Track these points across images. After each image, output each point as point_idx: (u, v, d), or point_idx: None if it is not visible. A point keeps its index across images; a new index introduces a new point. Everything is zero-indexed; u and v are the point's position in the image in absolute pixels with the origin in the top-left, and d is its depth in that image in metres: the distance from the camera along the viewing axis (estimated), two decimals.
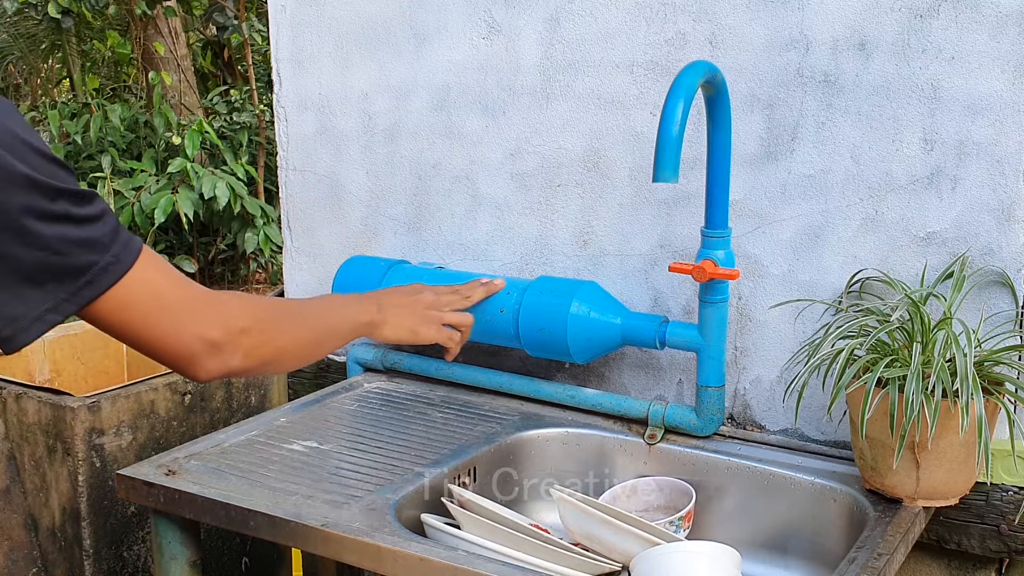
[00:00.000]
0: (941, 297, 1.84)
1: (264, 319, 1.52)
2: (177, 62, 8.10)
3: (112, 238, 1.32)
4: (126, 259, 1.33)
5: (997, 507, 1.90)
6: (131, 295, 1.33)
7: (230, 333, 1.43)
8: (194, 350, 1.41)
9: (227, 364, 1.44)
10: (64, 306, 1.28)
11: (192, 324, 1.39)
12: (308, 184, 2.65)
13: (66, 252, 1.27)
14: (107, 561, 2.34)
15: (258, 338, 1.49)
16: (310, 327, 1.70)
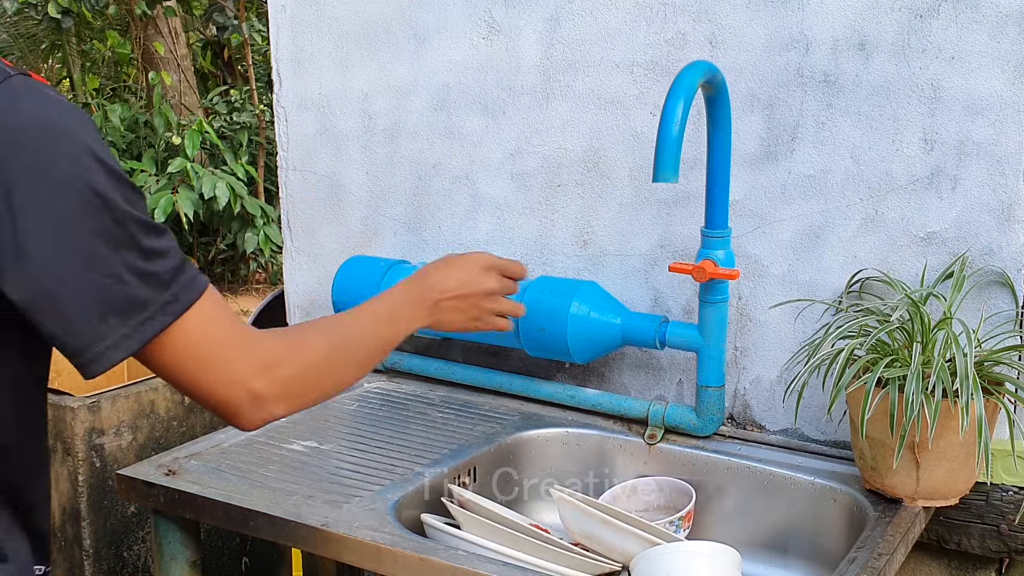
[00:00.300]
0: (941, 297, 1.84)
1: (309, 364, 1.45)
2: (177, 62, 8.11)
3: (174, 275, 1.27)
4: (185, 299, 1.27)
5: (997, 507, 1.90)
6: (184, 339, 1.28)
7: (273, 384, 1.37)
8: (238, 401, 1.35)
9: (271, 413, 1.39)
10: (126, 343, 1.23)
11: (237, 376, 1.34)
12: (308, 184, 2.65)
13: (130, 282, 1.22)
14: (107, 561, 2.34)
15: (301, 385, 1.43)
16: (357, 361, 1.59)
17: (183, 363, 1.30)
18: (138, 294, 1.23)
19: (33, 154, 1.16)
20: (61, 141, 1.18)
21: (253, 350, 1.36)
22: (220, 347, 1.32)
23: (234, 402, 1.35)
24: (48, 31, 8.19)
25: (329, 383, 1.50)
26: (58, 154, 1.17)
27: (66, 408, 2.26)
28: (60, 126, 1.19)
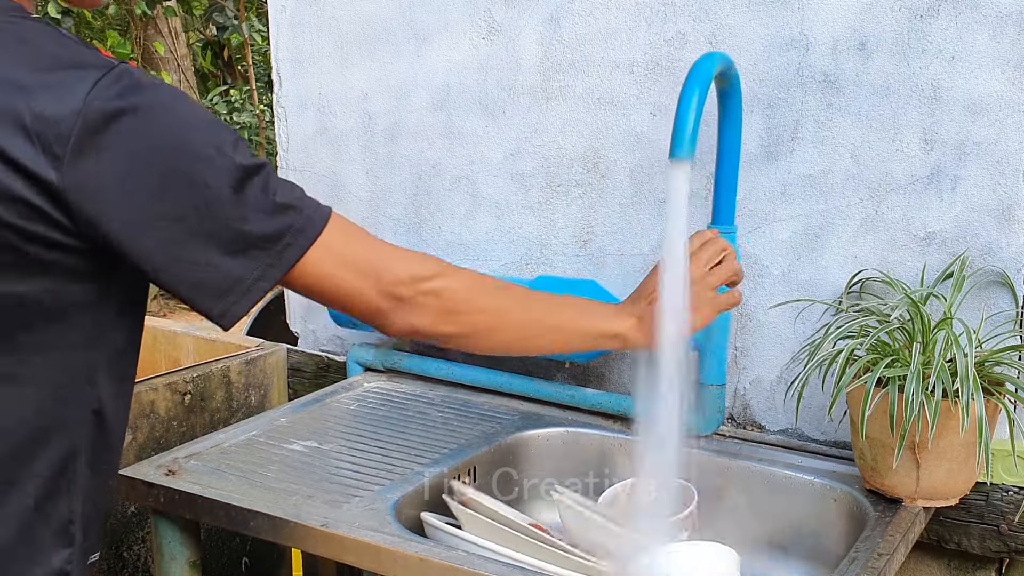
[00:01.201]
0: (941, 297, 1.84)
1: (460, 284, 1.49)
2: (177, 62, 8.11)
3: (301, 201, 1.33)
4: (319, 219, 1.34)
5: (997, 507, 1.90)
6: (325, 256, 1.34)
7: (417, 290, 1.42)
8: (382, 308, 1.41)
9: (413, 323, 1.44)
10: (270, 272, 1.30)
11: (379, 281, 1.40)
12: (308, 184, 2.63)
13: (262, 218, 1.28)
14: (107, 561, 2.34)
15: (450, 304, 1.47)
16: (527, 309, 1.59)
17: (328, 278, 1.36)
18: (272, 225, 1.29)
19: (142, 128, 1.21)
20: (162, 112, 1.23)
21: (400, 259, 1.43)
22: (364, 255, 1.40)
23: (379, 308, 1.42)
24: None
25: (487, 320, 1.53)
26: (164, 125, 1.23)
27: None
28: (162, 100, 1.23)
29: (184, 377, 2.49)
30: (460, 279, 1.50)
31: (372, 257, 1.41)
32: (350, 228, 1.40)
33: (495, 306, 1.54)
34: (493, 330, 1.54)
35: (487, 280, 1.58)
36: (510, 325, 1.57)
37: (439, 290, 1.45)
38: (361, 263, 1.39)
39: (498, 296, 1.56)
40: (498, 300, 1.55)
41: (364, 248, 1.41)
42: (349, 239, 1.38)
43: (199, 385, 2.51)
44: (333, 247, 1.35)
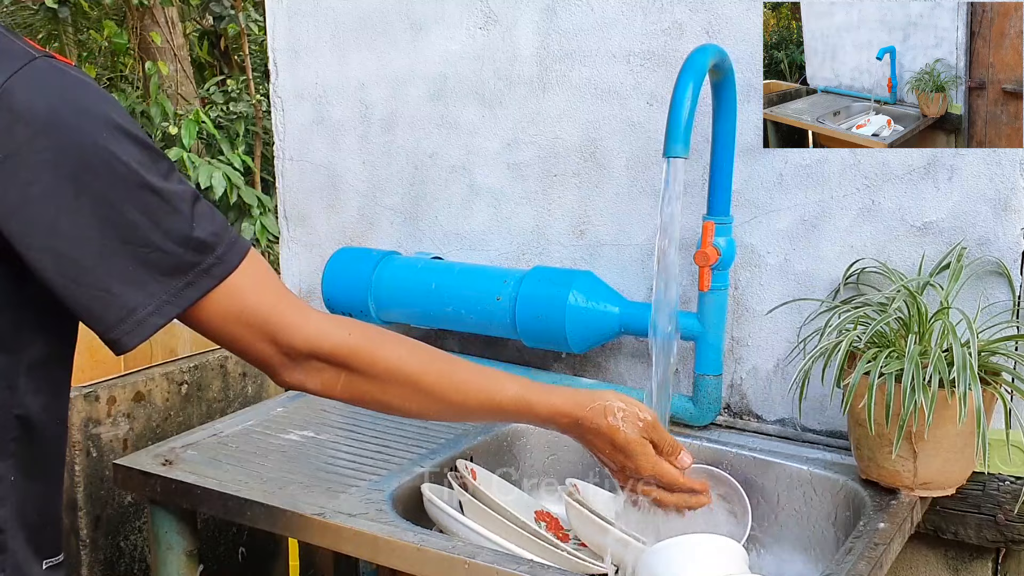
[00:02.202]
0: (938, 287, 1.84)
1: (361, 361, 1.42)
2: (174, 52, 8.09)
3: (218, 237, 1.27)
4: (229, 262, 1.28)
5: (994, 497, 1.90)
6: (226, 303, 1.29)
7: (311, 357, 1.38)
8: (278, 363, 1.37)
9: (303, 383, 1.40)
10: (166, 308, 1.24)
11: (273, 341, 1.35)
12: (305, 174, 2.65)
13: (168, 249, 1.23)
14: (104, 551, 2.34)
15: (345, 377, 1.42)
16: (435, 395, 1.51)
17: (226, 324, 1.31)
18: (179, 260, 1.24)
19: (60, 134, 1.16)
20: (86, 118, 1.19)
21: (300, 320, 1.37)
22: (265, 310, 1.33)
23: (275, 363, 1.37)
24: (45, 21, 8.18)
25: (381, 403, 1.47)
26: (84, 132, 1.18)
27: None
28: (84, 105, 1.19)
29: (181, 367, 2.49)
30: (362, 355, 1.42)
31: (272, 315, 1.34)
32: (260, 276, 1.34)
33: (397, 380, 1.47)
34: (389, 405, 1.49)
35: (394, 352, 1.47)
36: (413, 401, 1.49)
37: (335, 363, 1.40)
38: (260, 319, 1.33)
39: (402, 372, 1.47)
40: (402, 376, 1.47)
41: (268, 302, 1.34)
42: (256, 288, 1.33)
43: (196, 375, 2.51)
44: (235, 295, 1.30)
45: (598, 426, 1.61)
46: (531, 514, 1.96)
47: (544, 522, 1.95)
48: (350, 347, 1.42)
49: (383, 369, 1.45)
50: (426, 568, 1.62)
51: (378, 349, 1.46)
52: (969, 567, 1.99)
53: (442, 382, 1.51)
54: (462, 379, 1.53)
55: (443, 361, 1.54)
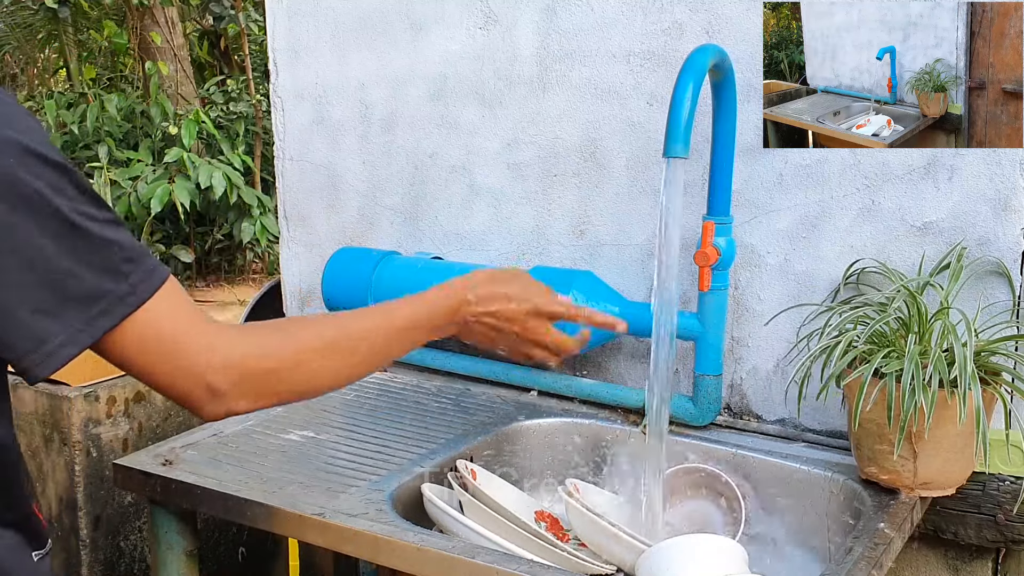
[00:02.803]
0: (938, 287, 1.84)
1: (280, 361, 1.40)
2: (174, 52, 8.10)
3: (131, 266, 1.24)
4: (143, 290, 1.24)
5: (994, 497, 1.90)
6: (142, 331, 1.25)
7: (233, 380, 1.33)
8: (197, 395, 1.33)
9: (230, 409, 1.36)
10: (79, 337, 1.20)
11: (196, 369, 1.30)
12: (305, 174, 2.65)
13: (81, 276, 1.19)
14: (104, 551, 2.34)
15: (266, 383, 1.38)
16: (351, 362, 1.50)
17: (141, 355, 1.27)
18: (91, 287, 1.20)
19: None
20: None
21: (214, 344, 1.32)
22: (178, 340, 1.29)
23: (193, 396, 1.33)
24: (45, 21, 8.18)
25: (305, 382, 1.45)
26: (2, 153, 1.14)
27: (63, 398, 2.26)
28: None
29: None
30: (276, 357, 1.40)
31: (188, 342, 1.30)
32: (176, 305, 1.29)
33: (315, 361, 1.45)
34: (321, 383, 1.47)
35: (301, 341, 1.45)
36: (338, 367, 1.48)
37: (255, 375, 1.36)
38: (174, 349, 1.29)
39: (317, 350, 1.45)
40: (317, 353, 1.45)
41: (183, 333, 1.30)
42: (169, 319, 1.28)
43: None
44: (149, 326, 1.26)
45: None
46: (531, 514, 1.96)
47: (544, 522, 1.96)
48: (258, 345, 1.39)
49: (298, 353, 1.43)
50: (426, 568, 1.62)
51: (285, 334, 1.45)
52: (969, 567, 1.99)
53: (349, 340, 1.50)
54: (362, 327, 1.53)
55: (338, 322, 1.53)
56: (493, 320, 1.66)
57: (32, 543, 1.39)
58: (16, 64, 9.48)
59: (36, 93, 8.54)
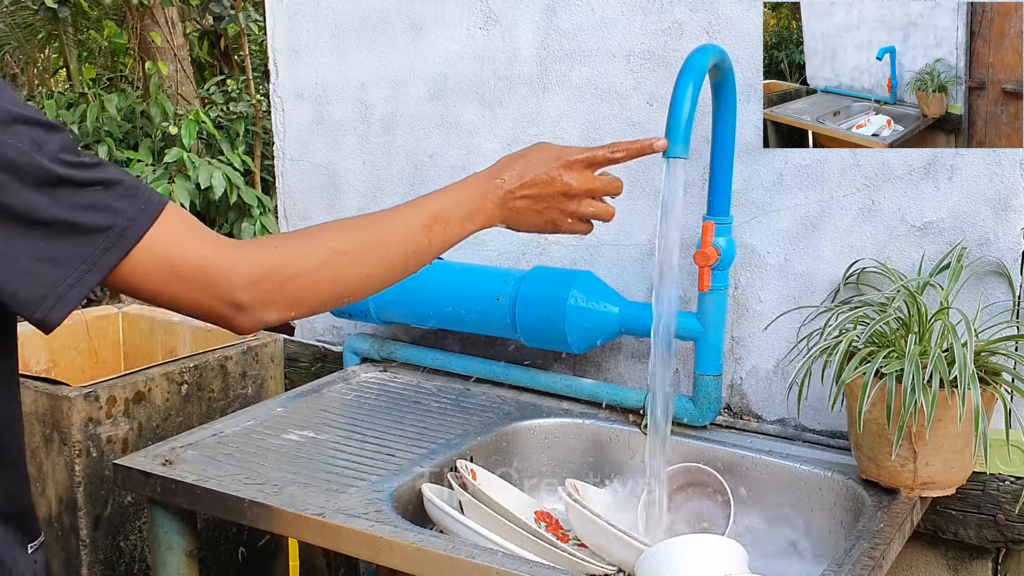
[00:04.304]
0: (938, 287, 1.84)
1: (306, 271, 1.38)
2: (174, 52, 8.09)
3: (125, 200, 1.25)
4: (143, 221, 1.25)
5: (994, 497, 1.90)
6: (150, 262, 1.26)
7: (257, 291, 1.33)
8: (223, 314, 1.34)
9: (260, 319, 1.36)
10: (87, 278, 1.22)
11: (215, 290, 1.31)
12: (305, 174, 2.65)
13: (76, 219, 1.21)
14: (104, 551, 2.34)
15: (294, 294, 1.37)
16: (381, 263, 1.46)
17: (159, 282, 1.29)
18: (88, 228, 1.22)
19: None
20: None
21: (232, 259, 1.33)
22: (193, 261, 1.30)
23: (221, 313, 1.34)
24: (45, 21, 8.18)
25: (334, 287, 1.42)
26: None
27: (63, 398, 2.26)
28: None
29: (181, 367, 2.48)
30: (298, 263, 1.38)
31: (204, 264, 1.30)
32: (181, 229, 1.30)
33: (344, 267, 1.42)
34: (355, 288, 1.44)
35: (325, 244, 1.43)
36: (368, 271, 1.45)
37: (280, 286, 1.36)
38: (192, 272, 1.30)
39: (345, 255, 1.43)
40: (345, 258, 1.43)
41: (195, 253, 1.30)
42: (178, 242, 1.29)
43: (196, 375, 2.51)
44: (158, 253, 1.27)
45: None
46: (531, 514, 1.96)
47: (544, 522, 1.96)
48: (278, 255, 1.38)
49: (318, 256, 1.41)
50: (426, 568, 1.62)
51: (306, 239, 1.44)
52: (969, 567, 1.99)
53: (369, 238, 1.47)
54: (387, 226, 1.49)
55: (360, 222, 1.51)
56: (532, 190, 1.59)
57: (26, 536, 1.39)
58: (16, 64, 9.48)
59: (36, 93, 8.54)
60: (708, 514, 1.96)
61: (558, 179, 1.59)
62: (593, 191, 1.62)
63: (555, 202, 1.60)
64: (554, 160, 1.60)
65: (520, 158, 1.60)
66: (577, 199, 1.61)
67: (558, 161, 1.60)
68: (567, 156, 1.60)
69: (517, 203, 1.58)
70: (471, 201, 1.56)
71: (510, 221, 1.60)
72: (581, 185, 1.60)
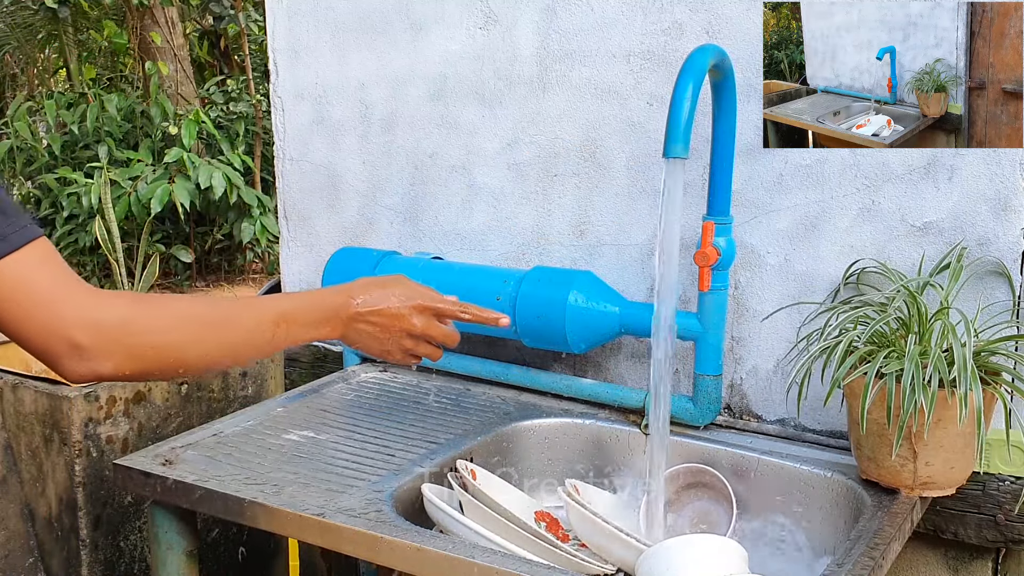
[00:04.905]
0: (938, 287, 1.84)
1: (150, 329, 1.39)
2: (174, 52, 8.10)
3: (4, 218, 1.27)
4: (15, 240, 1.27)
5: (994, 497, 1.90)
6: (9, 281, 1.27)
7: (98, 337, 1.33)
8: (58, 351, 1.33)
9: (93, 370, 1.35)
10: None
11: (58, 325, 1.31)
12: (305, 174, 2.65)
13: None
14: (104, 551, 2.34)
15: (132, 348, 1.37)
16: (222, 346, 1.50)
17: (7, 304, 1.29)
18: None
19: None
20: None
21: (82, 302, 1.33)
22: (45, 293, 1.30)
23: (55, 351, 1.33)
24: (45, 21, 8.18)
25: (174, 352, 1.42)
26: None
27: (63, 398, 2.26)
28: None
29: None
30: (146, 321, 1.39)
31: (50, 297, 1.31)
32: (49, 262, 1.31)
33: (188, 338, 1.45)
34: (191, 362, 1.46)
35: (176, 311, 1.46)
36: (208, 349, 1.48)
37: (122, 337, 1.36)
38: (41, 301, 1.30)
39: (192, 326, 1.46)
40: (191, 330, 1.45)
41: (46, 286, 1.30)
42: (40, 270, 1.30)
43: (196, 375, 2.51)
44: (19, 274, 1.28)
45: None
46: (531, 514, 1.96)
47: (544, 522, 1.95)
48: (128, 308, 1.39)
49: (167, 319, 1.43)
50: (426, 568, 1.62)
51: (160, 301, 1.46)
52: (969, 567, 1.99)
53: (218, 317, 1.51)
54: (239, 311, 1.54)
55: (211, 301, 1.58)
56: (379, 319, 1.70)
57: None
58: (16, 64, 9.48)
59: (36, 93, 8.54)
60: (708, 514, 1.96)
61: (405, 317, 1.72)
62: (431, 337, 1.76)
63: (395, 335, 1.73)
64: (407, 299, 1.73)
65: (379, 286, 1.73)
66: (415, 339, 1.75)
67: (411, 301, 1.73)
68: (420, 300, 1.74)
69: (361, 326, 1.70)
70: (322, 311, 1.66)
71: (350, 340, 1.72)
72: (423, 329, 1.74)
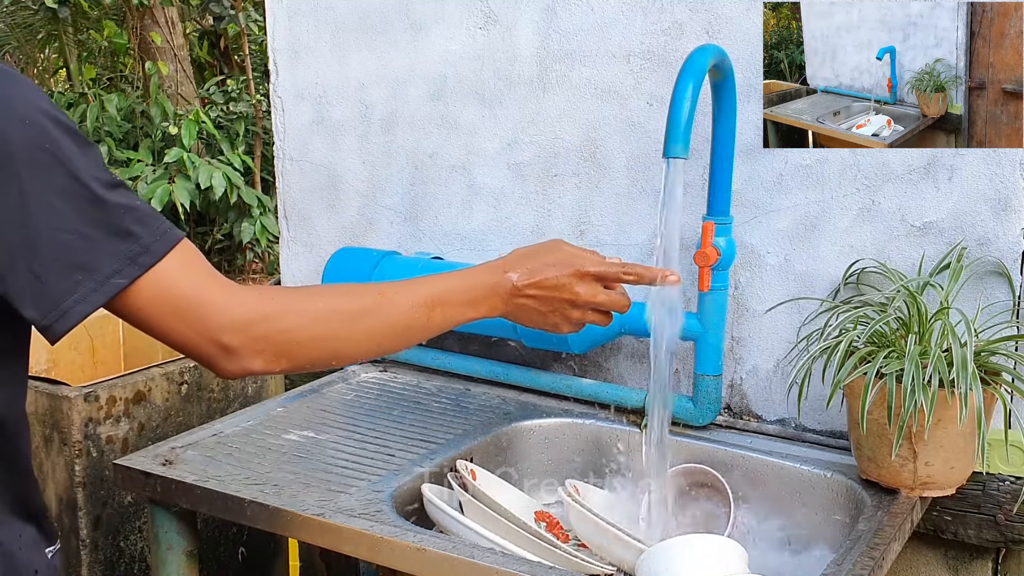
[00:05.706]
0: (938, 287, 1.84)
1: (297, 327, 1.39)
2: (174, 52, 8.09)
3: (143, 227, 1.27)
4: (156, 250, 1.28)
5: (994, 497, 1.90)
6: (155, 290, 1.28)
7: (245, 338, 1.34)
8: (210, 354, 1.35)
9: (244, 368, 1.37)
10: (92, 297, 1.24)
11: (206, 331, 1.32)
12: (305, 174, 2.65)
13: (95, 238, 1.23)
14: (104, 551, 2.34)
15: (281, 345, 1.38)
16: (373, 336, 1.48)
17: (156, 314, 1.30)
18: (104, 248, 1.24)
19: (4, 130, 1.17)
20: (10, 105, 1.19)
21: (230, 302, 1.34)
22: (193, 298, 1.32)
23: (207, 353, 1.35)
24: (45, 21, 8.18)
25: (324, 346, 1.43)
26: (9, 120, 1.18)
27: (63, 398, 2.26)
28: (8, 93, 1.20)
29: (181, 367, 2.49)
30: (292, 317, 1.40)
31: (199, 301, 1.32)
32: (192, 264, 1.33)
33: (334, 331, 1.44)
34: (342, 355, 1.46)
35: (323, 303, 1.45)
36: (359, 341, 1.47)
37: (270, 335, 1.37)
38: (187, 307, 1.31)
39: (338, 320, 1.45)
40: (338, 323, 1.44)
41: (194, 289, 1.32)
42: (183, 277, 1.31)
43: (196, 375, 2.51)
44: (163, 284, 1.29)
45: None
46: (531, 514, 1.96)
47: (544, 522, 1.96)
48: (272, 304, 1.39)
49: (311, 314, 1.42)
50: (426, 568, 1.62)
51: (306, 294, 1.46)
52: (969, 567, 1.99)
53: (364, 307, 1.48)
54: (392, 297, 1.51)
55: (357, 290, 1.54)
56: (539, 291, 1.60)
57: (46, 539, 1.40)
58: (16, 64, 9.48)
59: None
60: (708, 514, 1.96)
61: (567, 287, 1.61)
62: (598, 305, 1.64)
63: (559, 307, 1.63)
64: (567, 267, 1.62)
65: (533, 257, 1.62)
66: (581, 309, 1.64)
67: (570, 268, 1.62)
68: (580, 265, 1.62)
69: (522, 300, 1.61)
70: (478, 290, 1.58)
71: (512, 316, 1.63)
72: (588, 296, 1.63)
